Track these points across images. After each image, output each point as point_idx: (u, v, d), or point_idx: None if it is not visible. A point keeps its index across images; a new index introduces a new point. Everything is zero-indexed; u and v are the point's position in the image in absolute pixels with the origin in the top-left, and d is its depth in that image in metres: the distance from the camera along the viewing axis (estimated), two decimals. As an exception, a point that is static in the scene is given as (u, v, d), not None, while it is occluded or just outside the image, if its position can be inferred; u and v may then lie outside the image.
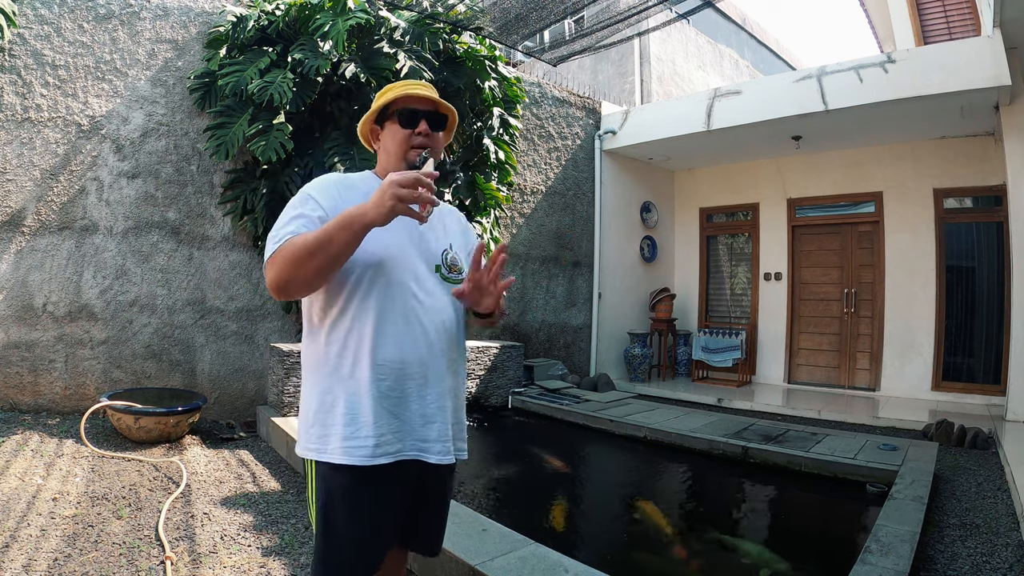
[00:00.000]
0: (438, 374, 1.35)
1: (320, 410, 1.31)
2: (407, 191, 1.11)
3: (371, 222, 1.14)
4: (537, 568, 2.10)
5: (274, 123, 4.47)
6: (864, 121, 5.86)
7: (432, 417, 1.33)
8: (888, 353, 6.61)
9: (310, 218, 1.26)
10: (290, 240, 1.21)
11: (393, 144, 1.42)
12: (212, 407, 4.76)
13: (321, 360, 1.34)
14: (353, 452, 1.26)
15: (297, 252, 1.17)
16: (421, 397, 1.32)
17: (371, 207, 1.13)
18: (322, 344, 1.34)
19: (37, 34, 4.27)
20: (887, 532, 2.50)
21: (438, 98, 1.45)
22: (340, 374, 1.30)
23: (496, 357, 5.61)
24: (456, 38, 5.26)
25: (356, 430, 1.27)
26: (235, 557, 2.50)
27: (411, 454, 1.30)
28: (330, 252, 1.16)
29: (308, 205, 1.30)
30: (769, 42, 12.84)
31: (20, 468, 3.24)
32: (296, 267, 1.18)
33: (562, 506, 3.38)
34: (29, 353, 4.22)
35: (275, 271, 1.21)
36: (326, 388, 1.32)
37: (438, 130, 1.45)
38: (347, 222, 1.15)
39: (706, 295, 8.25)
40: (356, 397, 1.28)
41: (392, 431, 1.28)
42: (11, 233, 4.19)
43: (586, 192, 7.35)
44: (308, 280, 1.21)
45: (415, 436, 1.31)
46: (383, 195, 1.12)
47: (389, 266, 1.31)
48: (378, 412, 1.27)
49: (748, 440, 4.16)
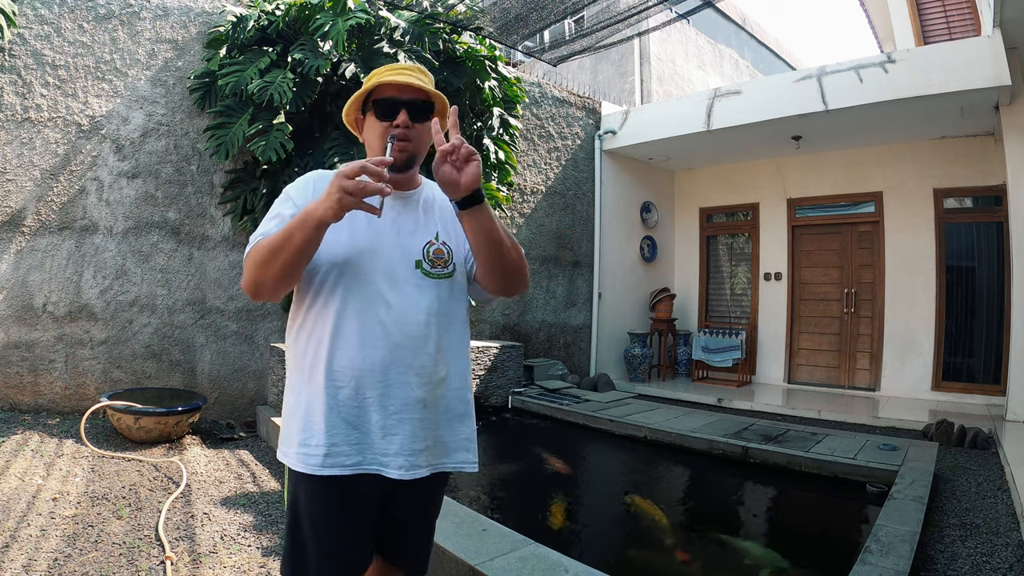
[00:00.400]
0: (403, 384, 1.23)
1: (288, 412, 1.29)
2: (351, 183, 1.02)
3: (321, 218, 1.06)
4: (537, 568, 2.10)
5: (274, 123, 4.47)
6: (864, 121, 5.86)
7: (393, 429, 1.22)
8: (888, 353, 6.61)
9: (284, 218, 1.21)
10: (259, 242, 1.17)
11: (372, 138, 1.32)
12: (212, 407, 4.76)
13: (291, 358, 1.31)
14: (305, 460, 1.22)
15: (263, 253, 1.14)
16: (382, 408, 1.22)
17: (320, 203, 1.06)
18: (292, 342, 1.31)
19: (37, 34, 4.27)
20: (887, 532, 2.50)
21: (421, 83, 1.30)
22: (303, 378, 1.26)
23: (496, 357, 5.61)
24: (456, 38, 5.26)
25: (308, 437, 1.22)
26: (235, 557, 2.50)
27: (371, 468, 1.22)
28: (288, 252, 1.11)
29: (285, 205, 1.26)
30: (769, 42, 12.84)
31: (20, 468, 3.24)
32: (262, 268, 1.14)
33: (562, 506, 3.38)
34: (29, 353, 4.22)
35: (246, 272, 1.19)
36: (293, 389, 1.29)
37: (421, 120, 1.31)
38: (300, 221, 1.09)
39: (706, 295, 8.25)
40: (312, 403, 1.23)
41: (350, 442, 1.21)
42: (11, 233, 4.19)
43: (586, 192, 7.35)
44: (275, 281, 1.16)
45: (375, 449, 1.22)
46: (330, 188, 1.05)
47: (355, 265, 1.23)
48: (332, 421, 1.21)
49: (748, 440, 4.16)
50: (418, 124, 1.30)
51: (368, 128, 1.34)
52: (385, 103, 1.29)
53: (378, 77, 1.30)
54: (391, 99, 1.29)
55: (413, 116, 1.29)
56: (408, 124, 1.28)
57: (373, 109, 1.31)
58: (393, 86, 1.29)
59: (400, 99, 1.28)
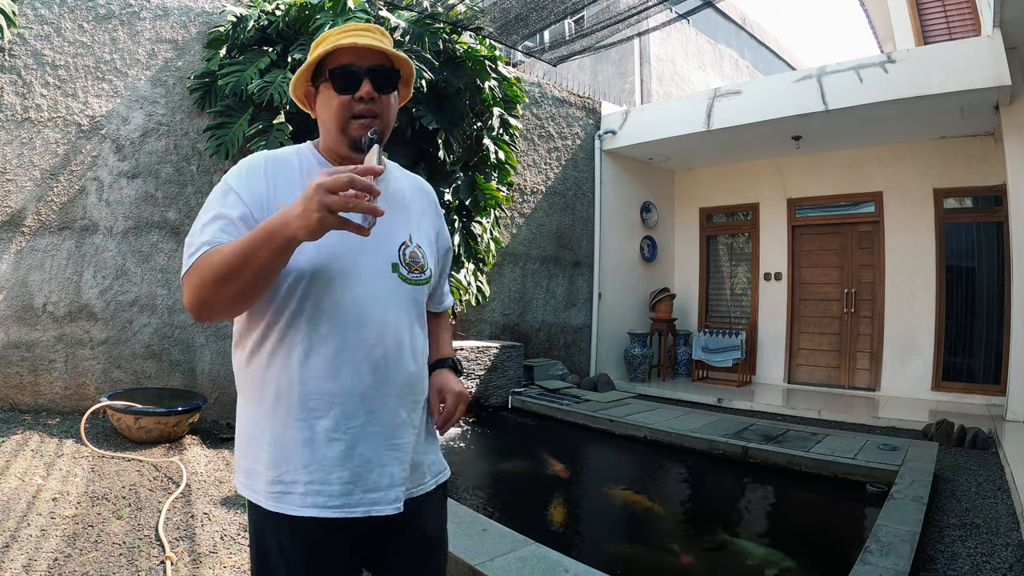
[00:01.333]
0: (387, 408, 1.07)
1: (247, 440, 1.09)
2: (336, 199, 0.83)
3: (294, 236, 0.86)
4: (537, 568, 2.10)
5: (274, 123, 4.47)
6: (864, 121, 5.86)
7: (383, 459, 1.06)
8: (888, 353, 6.61)
9: (229, 219, 1.00)
10: (207, 254, 0.95)
11: (328, 115, 1.10)
12: (212, 407, 4.76)
13: (245, 383, 1.09)
14: (281, 499, 1.03)
15: (215, 270, 0.92)
16: (368, 437, 1.05)
17: (294, 218, 0.85)
18: (243, 364, 1.09)
19: (37, 34, 4.27)
20: (887, 532, 2.50)
21: (385, 46, 1.10)
22: (264, 405, 1.05)
23: (496, 357, 5.61)
24: (456, 38, 5.25)
25: (283, 473, 1.03)
26: (235, 557, 2.50)
27: (359, 510, 1.03)
28: (251, 272, 0.90)
29: (228, 200, 1.02)
30: (769, 42, 12.84)
31: (20, 468, 3.24)
32: (214, 289, 0.93)
33: (562, 506, 3.38)
34: (29, 353, 4.22)
35: (193, 292, 0.96)
36: (252, 418, 1.08)
37: (387, 91, 1.10)
38: (267, 235, 0.88)
39: (706, 295, 8.25)
40: (282, 436, 1.03)
41: (335, 481, 1.03)
42: (11, 233, 4.19)
43: (586, 192, 7.35)
44: (232, 303, 0.96)
45: (364, 486, 1.04)
46: (308, 203, 0.84)
47: (326, 276, 1.03)
48: (310, 456, 1.02)
49: (748, 440, 4.16)
50: (384, 95, 1.10)
51: (323, 103, 1.11)
52: (344, 72, 1.07)
53: (332, 40, 1.08)
54: (351, 67, 1.07)
55: (378, 86, 1.08)
56: (373, 95, 1.07)
57: (330, 80, 1.08)
58: (351, 50, 1.07)
59: (362, 66, 1.07)
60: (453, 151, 5.21)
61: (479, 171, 5.61)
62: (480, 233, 5.62)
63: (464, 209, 5.54)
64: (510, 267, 6.63)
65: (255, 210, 1.02)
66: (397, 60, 1.12)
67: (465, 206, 5.51)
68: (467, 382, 5.39)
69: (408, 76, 1.18)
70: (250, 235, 0.91)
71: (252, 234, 0.90)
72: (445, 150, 5.13)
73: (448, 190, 5.25)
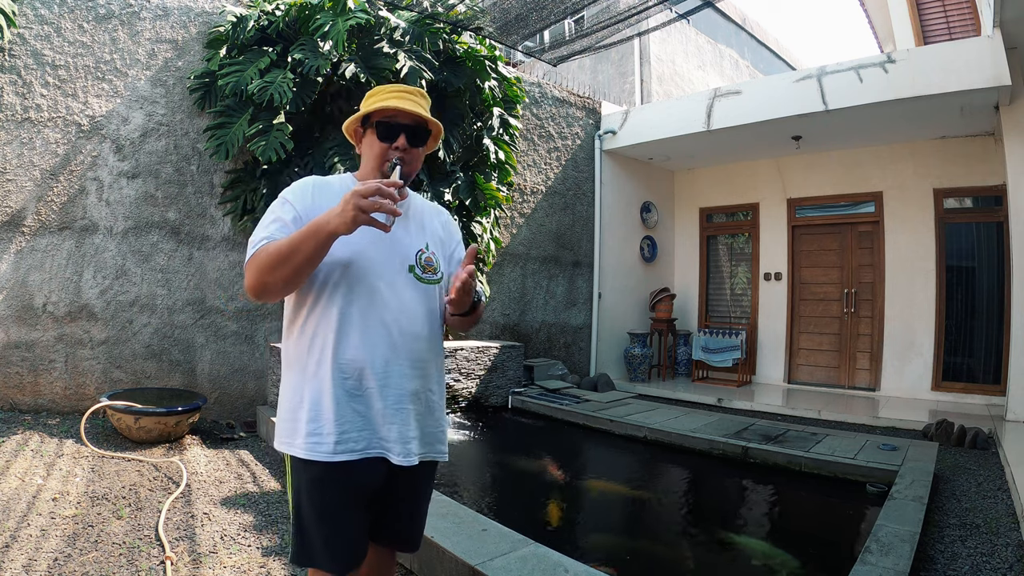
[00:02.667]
0: (400, 376, 1.35)
1: (289, 407, 1.36)
2: (367, 202, 1.13)
3: (334, 231, 1.17)
4: (537, 568, 2.10)
5: (274, 123, 4.47)
6: (864, 121, 5.86)
7: (391, 418, 1.34)
8: (888, 353, 6.61)
9: (284, 222, 1.31)
10: (264, 246, 1.25)
11: (370, 154, 1.43)
12: (212, 407, 4.76)
13: (292, 358, 1.38)
14: (316, 448, 1.30)
15: (270, 259, 1.22)
16: (382, 397, 1.33)
17: (334, 217, 1.16)
18: (293, 342, 1.38)
19: (37, 34, 4.27)
20: (887, 532, 2.50)
21: (423, 112, 1.43)
22: (307, 373, 1.34)
23: (496, 357, 5.61)
24: (456, 38, 5.26)
25: (319, 427, 1.30)
26: (235, 557, 2.50)
27: (375, 452, 1.33)
28: (297, 260, 1.20)
29: (284, 208, 1.34)
30: (769, 42, 12.84)
31: (20, 468, 3.24)
32: (269, 273, 1.22)
33: (562, 506, 3.38)
34: (29, 353, 4.22)
35: (251, 276, 1.26)
36: (295, 385, 1.36)
37: (418, 145, 1.44)
38: (312, 231, 1.18)
39: (706, 295, 8.25)
40: (319, 395, 1.32)
41: (357, 428, 1.31)
42: (11, 233, 4.19)
43: (586, 192, 7.35)
44: (281, 285, 1.25)
45: (379, 435, 1.33)
46: (345, 205, 1.14)
47: (357, 268, 1.33)
48: (341, 410, 1.30)
49: (748, 440, 4.16)
50: (414, 148, 1.43)
51: (367, 144, 1.45)
52: (387, 126, 1.40)
53: (384, 99, 1.41)
54: (394, 123, 1.40)
55: (411, 140, 1.41)
56: (406, 147, 1.41)
57: (375, 128, 1.42)
58: (397, 112, 1.40)
59: (401, 124, 1.41)
60: (453, 151, 5.22)
61: (479, 171, 5.61)
62: (480, 233, 5.62)
63: (464, 209, 5.54)
64: (510, 267, 6.63)
65: (304, 215, 1.32)
66: (430, 123, 1.46)
67: (465, 206, 5.51)
68: (467, 382, 5.39)
69: (437, 134, 1.50)
70: (299, 231, 1.21)
71: (301, 231, 1.21)
72: (445, 150, 5.13)
73: (448, 190, 5.25)
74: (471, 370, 5.42)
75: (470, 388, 5.41)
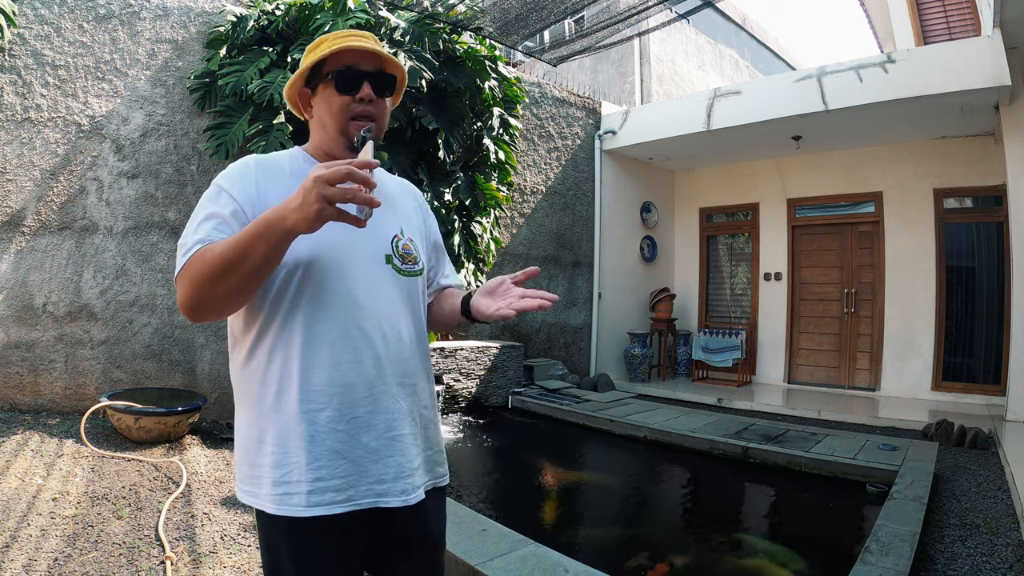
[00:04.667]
0: (389, 397, 1.08)
1: (247, 446, 1.07)
2: (334, 190, 0.83)
3: (292, 229, 0.87)
4: (537, 568, 2.10)
5: (274, 123, 4.47)
6: (864, 121, 5.86)
7: (387, 450, 1.06)
8: (888, 353, 6.61)
9: (221, 217, 1.01)
10: (199, 252, 0.96)
11: (328, 115, 1.12)
12: (212, 407, 4.76)
13: (244, 389, 1.09)
14: (285, 500, 1.02)
15: (207, 269, 0.92)
16: (371, 427, 1.06)
17: (292, 210, 0.86)
18: (242, 365, 1.09)
19: (37, 34, 4.26)
20: (887, 532, 2.50)
21: (383, 52, 1.14)
22: (264, 405, 1.05)
23: (496, 357, 5.61)
24: (456, 38, 5.25)
25: (286, 474, 1.02)
26: (235, 557, 2.50)
27: (365, 502, 1.04)
28: (247, 267, 0.91)
29: (220, 200, 1.04)
30: (769, 42, 12.84)
31: (20, 468, 3.24)
32: (210, 286, 0.93)
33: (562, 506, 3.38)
34: (29, 353, 4.22)
35: (187, 291, 0.96)
36: (251, 421, 1.07)
37: (384, 94, 1.15)
38: (264, 229, 0.89)
39: (706, 295, 8.25)
40: (285, 433, 1.03)
41: (339, 475, 1.02)
42: (11, 233, 4.19)
43: (586, 192, 7.35)
44: (226, 300, 0.96)
45: (369, 478, 1.04)
46: (306, 195, 0.84)
47: (322, 266, 1.04)
48: (314, 452, 1.02)
49: (748, 440, 4.16)
50: (380, 99, 1.14)
51: (322, 102, 1.14)
52: (347, 74, 1.10)
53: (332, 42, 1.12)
54: (354, 69, 1.11)
55: (377, 89, 1.13)
56: (372, 97, 1.12)
57: (332, 80, 1.11)
58: (354, 52, 1.11)
59: (363, 70, 1.11)
60: (453, 151, 5.21)
61: (479, 171, 5.61)
62: (480, 233, 5.62)
63: (464, 209, 5.54)
64: (510, 267, 6.63)
65: (247, 208, 1.03)
66: (393, 66, 1.16)
67: (465, 206, 5.51)
68: (467, 382, 5.39)
69: (402, 83, 1.22)
70: (246, 230, 0.91)
71: (248, 229, 0.91)
72: (445, 150, 5.13)
73: (448, 190, 5.25)
74: (471, 370, 5.42)
75: (470, 388, 5.41)
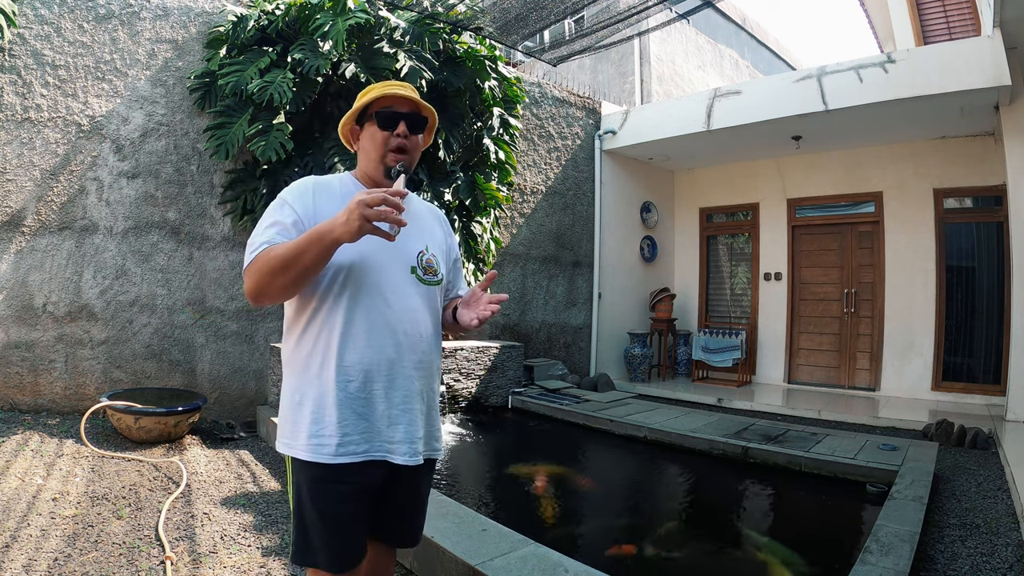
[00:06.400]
0: (405, 377, 1.37)
1: (291, 407, 1.36)
2: (373, 211, 1.12)
3: (338, 239, 1.16)
4: (537, 568, 2.10)
5: (274, 123, 4.47)
6: (864, 121, 5.86)
7: (397, 419, 1.35)
8: (888, 353, 6.61)
9: (284, 225, 1.30)
10: (265, 251, 1.24)
11: (371, 146, 1.44)
12: (212, 407, 4.76)
13: (294, 360, 1.38)
14: (318, 450, 1.30)
15: (270, 265, 1.21)
16: (387, 399, 1.35)
17: (339, 225, 1.15)
18: (295, 345, 1.38)
19: (37, 34, 4.26)
20: (887, 532, 2.50)
21: (418, 99, 1.46)
22: (309, 375, 1.35)
23: (496, 357, 5.61)
24: (456, 38, 5.26)
25: (321, 428, 1.31)
26: (235, 557, 2.50)
27: (378, 455, 1.33)
28: (301, 266, 1.19)
29: (284, 211, 1.33)
30: (769, 42, 12.84)
31: (20, 468, 3.24)
32: (269, 279, 1.22)
33: (562, 506, 3.38)
34: (29, 353, 4.22)
35: (252, 281, 1.25)
36: (296, 387, 1.37)
37: (417, 132, 1.46)
38: (316, 237, 1.18)
39: (706, 295, 8.25)
40: (322, 398, 1.32)
41: (359, 431, 1.32)
42: (11, 233, 4.19)
43: (586, 192, 7.35)
44: (283, 290, 1.25)
45: (382, 437, 1.34)
46: (350, 214, 1.13)
47: (360, 270, 1.33)
48: (343, 413, 1.31)
49: (748, 440, 4.16)
50: (414, 136, 1.45)
51: (367, 136, 1.45)
52: (387, 114, 1.42)
53: (378, 91, 1.43)
54: (392, 111, 1.42)
55: (411, 127, 1.43)
56: (407, 134, 1.42)
57: (374, 120, 1.43)
58: (395, 99, 1.43)
59: (400, 112, 1.42)
60: (453, 151, 5.21)
61: (479, 171, 5.61)
62: (480, 233, 5.62)
63: (464, 209, 5.54)
64: (510, 267, 6.63)
65: (306, 219, 1.32)
66: (425, 110, 1.48)
67: (465, 206, 5.51)
68: (467, 382, 5.39)
69: (432, 124, 1.53)
70: (302, 238, 1.20)
71: (303, 237, 1.20)
72: (445, 150, 5.13)
73: (448, 190, 5.25)
74: (471, 370, 5.42)
75: (470, 388, 5.41)
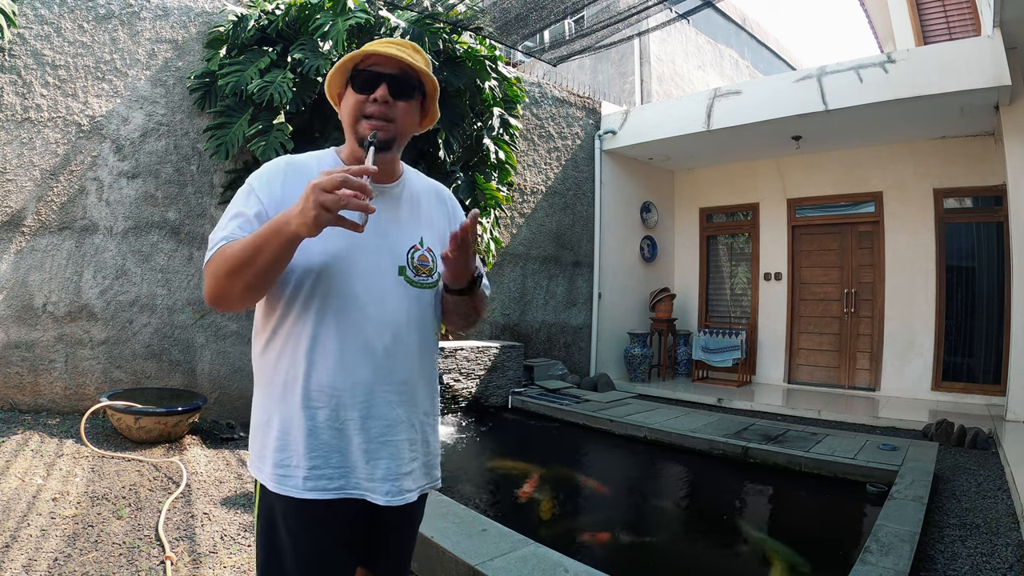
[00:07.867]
0: (385, 403, 1.13)
1: (259, 426, 1.16)
2: (331, 197, 0.88)
3: (296, 233, 0.93)
4: (537, 568, 2.10)
5: (274, 123, 4.47)
6: (864, 121, 5.86)
7: (376, 453, 1.12)
8: (888, 353, 6.61)
9: (247, 217, 1.08)
10: (222, 248, 1.03)
11: (345, 112, 1.17)
12: (212, 407, 4.76)
13: (260, 374, 1.17)
14: (284, 481, 1.10)
15: (227, 263, 1.00)
16: (364, 431, 1.11)
17: (295, 216, 0.92)
18: (260, 355, 1.17)
19: (37, 34, 4.26)
20: (887, 532, 2.50)
21: (409, 59, 1.15)
22: (274, 393, 1.13)
23: (496, 357, 5.61)
24: (456, 38, 5.25)
25: (287, 458, 1.10)
26: (235, 557, 2.50)
27: (355, 493, 1.11)
28: (258, 266, 0.98)
29: (249, 201, 1.12)
30: (769, 42, 12.84)
31: (20, 468, 3.24)
32: (227, 280, 1.01)
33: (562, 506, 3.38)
34: (29, 353, 4.22)
35: (208, 282, 1.05)
36: (262, 405, 1.16)
37: (404, 97, 1.16)
38: (274, 231, 0.96)
39: (706, 295, 8.25)
40: (288, 423, 1.11)
41: (332, 466, 1.10)
42: (11, 233, 4.19)
43: (586, 192, 7.35)
44: (244, 292, 1.03)
45: (358, 474, 1.11)
46: (306, 202, 0.90)
47: (333, 274, 1.09)
48: (311, 444, 1.09)
49: (748, 440, 4.16)
50: (401, 101, 1.15)
51: (344, 101, 1.19)
52: (365, 74, 1.14)
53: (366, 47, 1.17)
54: (373, 70, 1.14)
55: (395, 92, 1.14)
56: (387, 99, 1.13)
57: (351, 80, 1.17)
58: (379, 56, 1.14)
59: (383, 72, 1.14)
60: (453, 151, 5.21)
61: (479, 171, 5.61)
62: (480, 233, 5.62)
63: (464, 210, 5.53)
64: (510, 267, 6.63)
65: (270, 209, 1.08)
66: (421, 74, 1.18)
67: (465, 206, 5.51)
68: (467, 382, 5.39)
69: (432, 91, 1.24)
70: (258, 232, 0.99)
71: (260, 230, 0.98)
72: (445, 150, 5.13)
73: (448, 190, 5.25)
74: (471, 370, 5.42)
75: (470, 388, 5.41)
